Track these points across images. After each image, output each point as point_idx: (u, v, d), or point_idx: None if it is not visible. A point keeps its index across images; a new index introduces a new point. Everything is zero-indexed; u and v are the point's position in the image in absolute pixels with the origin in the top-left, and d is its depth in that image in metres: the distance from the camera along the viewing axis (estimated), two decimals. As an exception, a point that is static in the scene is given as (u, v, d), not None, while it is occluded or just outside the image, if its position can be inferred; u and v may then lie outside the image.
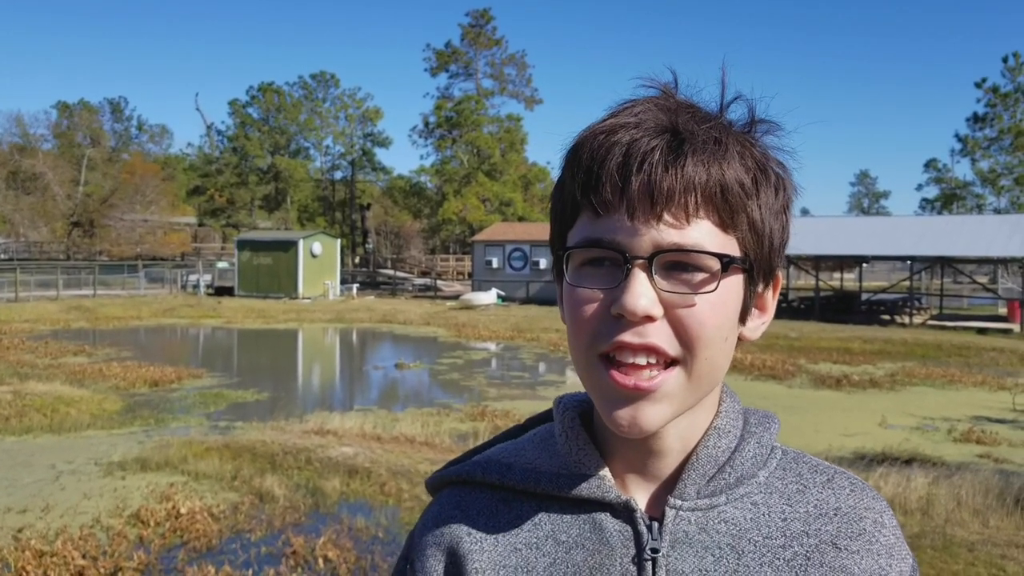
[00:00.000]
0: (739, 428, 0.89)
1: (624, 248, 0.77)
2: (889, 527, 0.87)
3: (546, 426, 0.97)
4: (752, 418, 0.92)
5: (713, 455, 0.86)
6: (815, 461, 0.91)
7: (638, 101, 0.82)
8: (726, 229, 0.79)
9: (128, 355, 21.32)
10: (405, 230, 79.34)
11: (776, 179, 0.84)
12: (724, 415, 0.89)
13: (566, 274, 0.82)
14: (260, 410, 13.98)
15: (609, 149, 0.78)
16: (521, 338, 26.17)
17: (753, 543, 0.83)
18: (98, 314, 31.88)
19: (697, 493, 0.85)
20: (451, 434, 11.79)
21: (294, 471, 8.89)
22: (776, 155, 0.85)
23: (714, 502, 0.85)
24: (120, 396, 15.03)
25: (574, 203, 0.82)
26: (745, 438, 0.89)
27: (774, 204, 0.83)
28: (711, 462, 0.86)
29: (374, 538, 7.05)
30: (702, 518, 0.85)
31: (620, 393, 0.78)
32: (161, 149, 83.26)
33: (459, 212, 56.52)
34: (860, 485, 0.89)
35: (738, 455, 0.87)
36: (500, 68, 65.07)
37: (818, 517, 0.85)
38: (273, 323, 31.08)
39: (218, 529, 7.13)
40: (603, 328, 0.79)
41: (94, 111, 75.32)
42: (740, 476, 0.86)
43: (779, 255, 0.85)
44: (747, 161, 0.80)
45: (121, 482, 8.33)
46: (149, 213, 66.75)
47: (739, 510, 0.85)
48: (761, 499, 0.86)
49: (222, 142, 68.55)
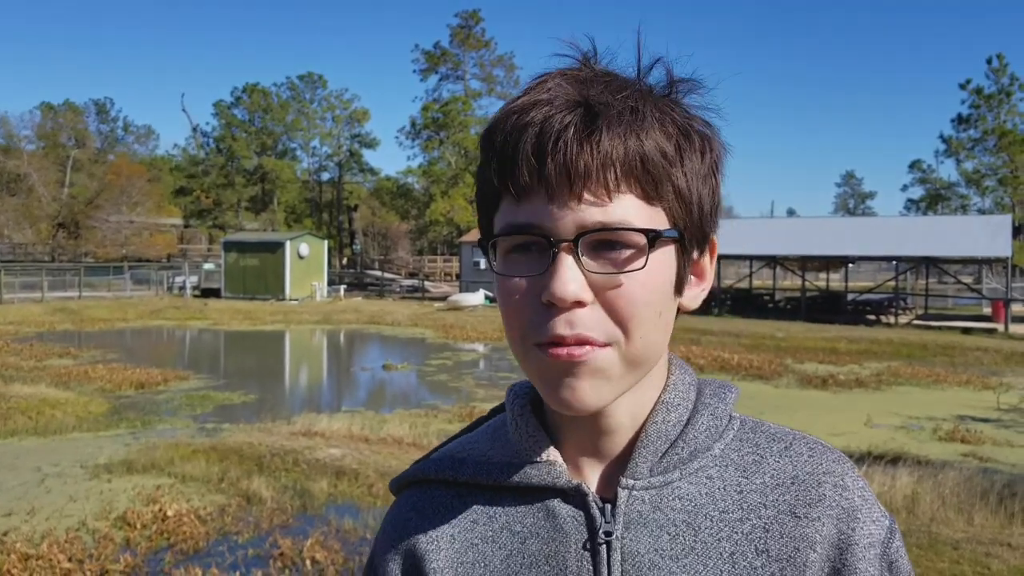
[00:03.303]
0: (690, 401, 0.86)
1: (547, 232, 0.75)
2: (853, 489, 0.83)
3: (500, 416, 0.95)
4: (707, 389, 0.89)
5: (663, 430, 0.83)
6: (774, 429, 0.88)
7: (551, 75, 0.79)
8: (651, 201, 0.76)
9: (114, 357, 21.22)
10: (392, 231, 79.28)
11: (701, 141, 0.80)
12: (672, 388, 0.86)
13: (492, 263, 0.80)
14: (247, 412, 13.93)
15: (522, 130, 0.75)
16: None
17: (709, 518, 0.81)
18: (83, 316, 31.72)
19: (650, 471, 0.82)
20: (439, 435, 11.78)
21: (281, 473, 8.87)
22: (700, 115, 0.82)
23: (667, 479, 0.83)
24: (106, 398, 14.96)
25: (495, 188, 0.79)
26: (699, 410, 0.86)
27: (700, 168, 0.79)
28: (661, 438, 0.83)
29: (362, 539, 7.04)
30: (656, 496, 0.82)
31: (556, 368, 0.75)
32: (147, 150, 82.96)
33: (446, 213, 56.53)
34: (820, 449, 0.85)
35: (690, 428, 0.84)
36: (489, 69, 65.09)
37: (776, 487, 0.82)
38: (260, 325, 30.98)
39: (205, 531, 7.10)
40: (536, 317, 0.76)
41: (79, 112, 74.95)
42: (694, 450, 0.84)
43: (711, 220, 0.82)
44: (668, 127, 0.77)
45: (107, 485, 8.29)
46: (135, 214, 66.41)
47: (694, 485, 0.83)
48: (716, 472, 0.83)
49: (208, 143, 68.33)
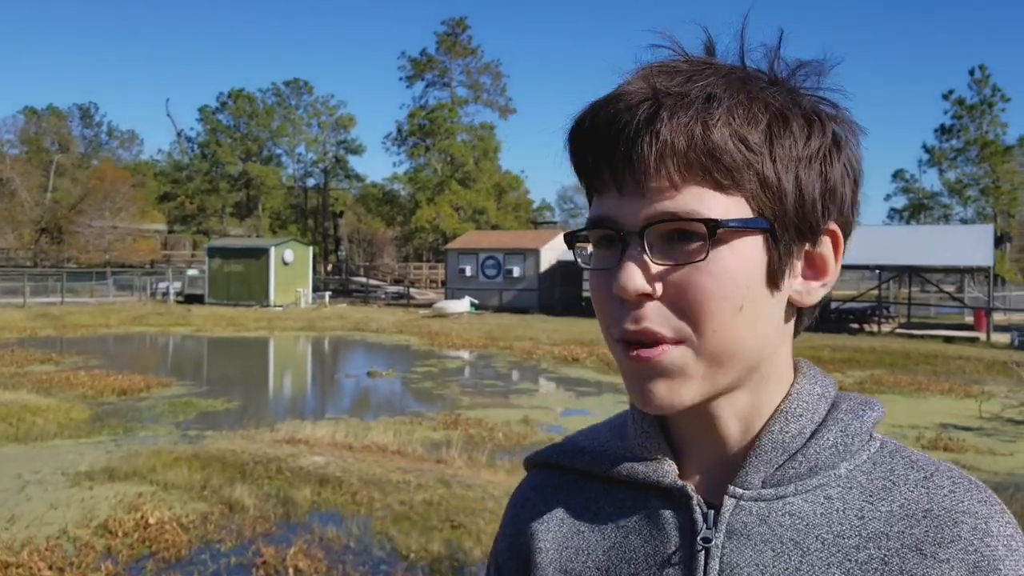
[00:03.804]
0: (817, 412, 0.81)
1: (618, 225, 0.75)
2: (998, 536, 0.74)
3: (627, 410, 0.94)
4: (844, 404, 0.83)
5: (779, 441, 0.79)
6: (917, 456, 0.80)
7: (642, 68, 0.79)
8: (727, 190, 0.74)
9: (96, 363, 21.08)
10: (378, 238, 79.17)
11: (806, 125, 0.77)
12: (795, 397, 0.81)
13: (580, 259, 0.82)
14: (230, 419, 13.86)
15: (595, 126, 0.77)
16: (494, 346, 26.15)
17: (821, 540, 0.76)
18: (66, 322, 31.51)
19: (762, 482, 0.79)
20: (424, 443, 11.76)
21: (264, 480, 8.82)
22: (814, 95, 0.79)
23: (780, 492, 0.78)
24: (88, 405, 14.86)
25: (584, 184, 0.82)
26: (827, 425, 0.80)
27: (802, 152, 0.76)
28: (777, 449, 0.79)
29: (346, 547, 7.01)
30: (764, 509, 0.78)
31: (635, 369, 0.76)
32: (131, 155, 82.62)
33: (432, 220, 56.51)
34: (965, 484, 0.77)
35: (814, 443, 0.79)
36: (475, 77, 65.23)
37: (904, 518, 0.75)
38: (244, 331, 30.86)
39: (187, 539, 7.06)
40: (615, 312, 0.76)
41: (63, 116, 74.62)
42: (814, 466, 0.79)
43: (819, 207, 0.77)
44: (756, 112, 0.75)
45: (88, 492, 8.23)
46: (119, 220, 66.11)
47: (809, 503, 0.78)
48: (838, 493, 0.78)
49: (193, 148, 68.08)
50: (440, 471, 9.31)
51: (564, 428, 13.83)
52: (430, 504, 7.98)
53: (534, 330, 29.64)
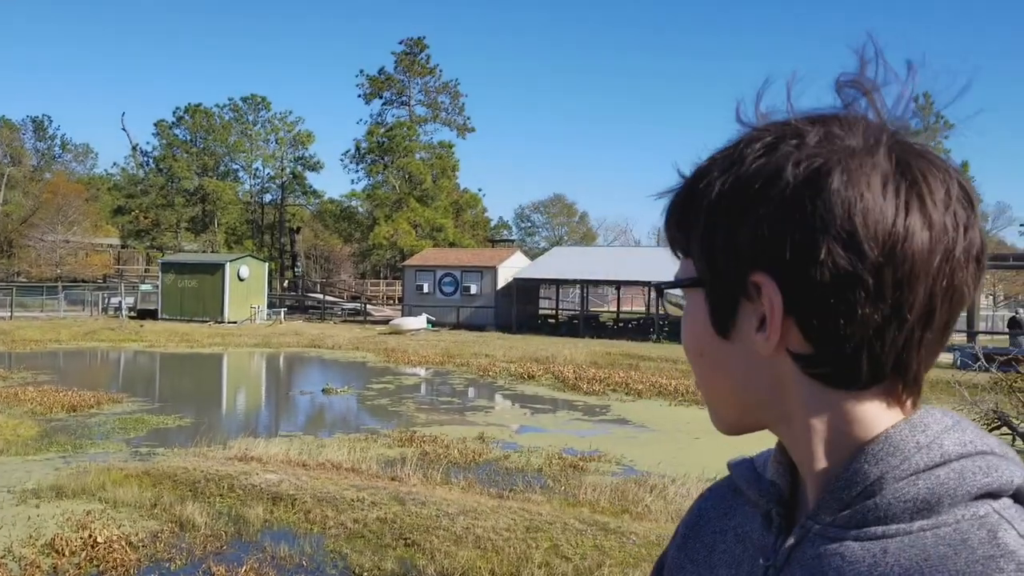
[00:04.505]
0: (909, 461, 0.76)
1: None
2: None
3: None
4: (960, 462, 0.76)
5: (852, 480, 0.77)
6: (1007, 537, 0.73)
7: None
8: (686, 255, 0.84)
9: (46, 379, 20.73)
10: (335, 254, 78.72)
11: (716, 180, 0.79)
12: (883, 440, 0.77)
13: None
14: (182, 436, 13.71)
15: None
16: (451, 363, 26.14)
17: None
18: (15, 336, 30.93)
19: (832, 520, 0.78)
20: (378, 460, 11.73)
21: (216, 498, 8.75)
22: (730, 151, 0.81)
23: (842, 533, 0.77)
24: (36, 421, 14.62)
25: None
26: (921, 476, 0.75)
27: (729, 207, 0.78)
28: (849, 488, 0.77)
29: (298, 566, 6.99)
30: (822, 545, 0.78)
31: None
32: (85, 169, 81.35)
33: (390, 237, 56.36)
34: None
35: (892, 492, 0.76)
36: (434, 96, 65.31)
37: None
38: (198, 347, 30.52)
39: (136, 559, 6.99)
40: None
41: (15, 128, 73.32)
42: (884, 516, 0.75)
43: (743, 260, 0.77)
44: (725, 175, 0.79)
45: (35, 510, 8.11)
46: (71, 234, 65.02)
47: (863, 550, 0.75)
48: (895, 548, 0.74)
49: (148, 163, 67.26)
50: (395, 488, 9.31)
51: (519, 445, 13.87)
52: (384, 522, 7.98)
53: (491, 347, 29.68)
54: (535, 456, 12.86)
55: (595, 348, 30.17)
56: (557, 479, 11.31)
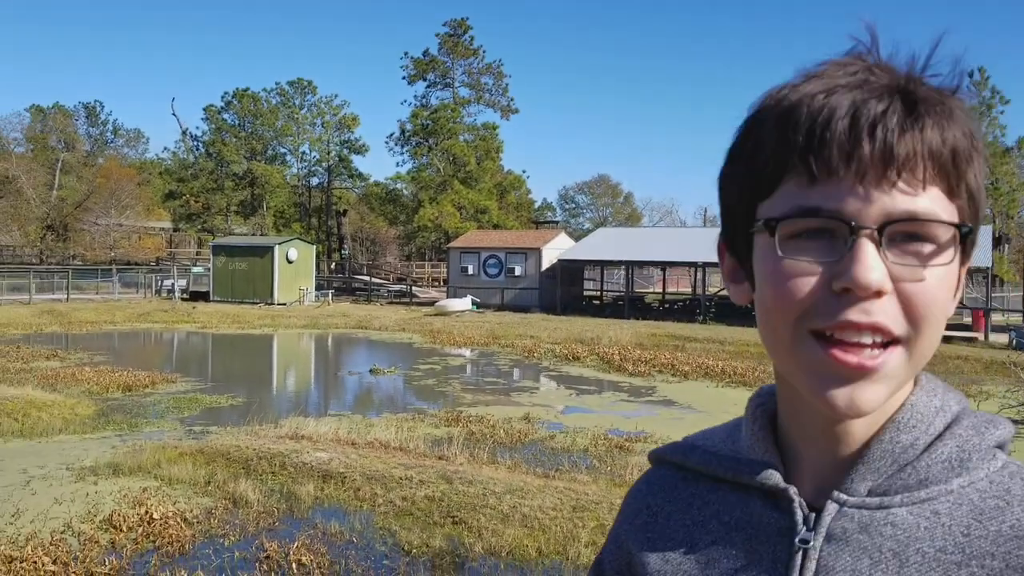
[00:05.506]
0: (933, 426, 0.79)
1: (850, 217, 0.72)
2: None
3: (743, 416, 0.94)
4: (967, 419, 0.81)
5: (889, 450, 0.78)
6: None
7: (843, 62, 0.76)
8: (952, 197, 0.73)
9: (101, 360, 21.20)
10: (381, 236, 79.25)
11: (981, 144, 0.76)
12: (909, 408, 0.79)
13: (775, 247, 0.75)
14: (234, 415, 13.96)
15: (833, 110, 0.72)
16: (496, 344, 26.24)
17: (922, 554, 0.74)
18: (71, 318, 31.64)
19: (868, 491, 0.78)
20: (425, 439, 11.85)
21: (268, 476, 8.91)
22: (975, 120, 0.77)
23: (886, 502, 0.77)
24: (93, 401, 14.96)
25: (776, 170, 0.76)
26: (944, 439, 0.79)
27: (982, 172, 0.76)
28: (886, 458, 0.78)
29: (348, 543, 7.10)
30: (867, 517, 0.77)
31: (840, 372, 0.72)
32: (136, 153, 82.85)
33: (435, 219, 56.58)
34: None
35: (927, 456, 0.78)
36: (477, 77, 65.32)
37: (1012, 539, 0.73)
38: (248, 328, 30.98)
39: (191, 534, 7.15)
40: (821, 305, 0.73)
41: (69, 115, 74.81)
42: (924, 479, 0.77)
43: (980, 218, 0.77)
44: (966, 125, 0.74)
45: (93, 487, 8.31)
46: (124, 218, 66.31)
47: (914, 516, 0.76)
48: (946, 509, 0.76)
49: (198, 147, 68.16)
50: (442, 467, 9.39)
51: (564, 425, 13.92)
52: (432, 500, 8.07)
53: (535, 328, 29.71)
54: (581, 436, 12.89)
55: (640, 329, 30.07)
56: (603, 459, 11.33)
